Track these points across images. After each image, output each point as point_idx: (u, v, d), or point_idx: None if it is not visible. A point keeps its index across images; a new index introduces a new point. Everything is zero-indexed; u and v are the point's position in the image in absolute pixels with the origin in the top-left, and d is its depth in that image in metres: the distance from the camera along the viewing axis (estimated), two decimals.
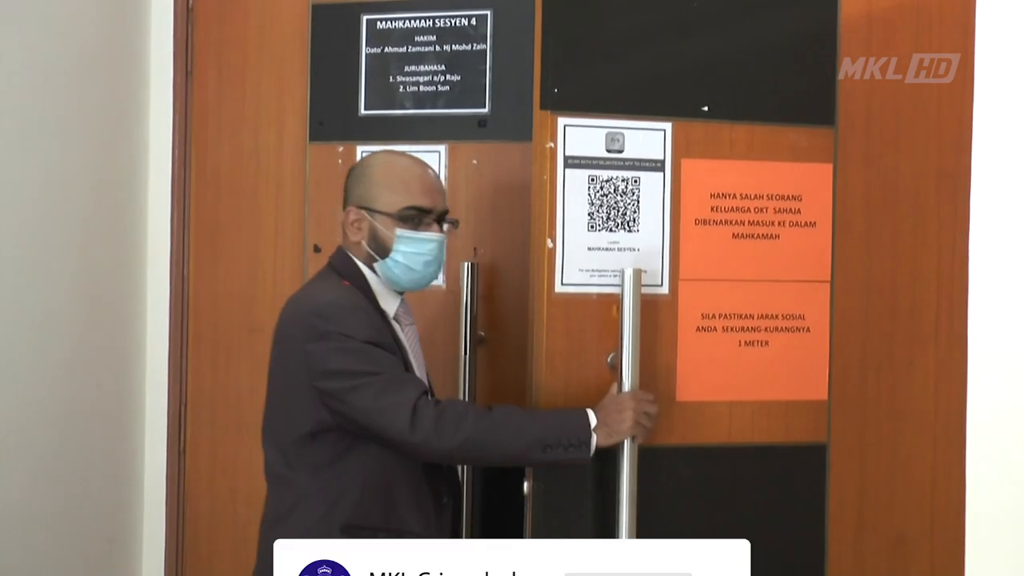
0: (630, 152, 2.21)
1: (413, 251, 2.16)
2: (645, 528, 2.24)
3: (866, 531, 2.65)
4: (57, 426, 2.87)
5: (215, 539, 3.15)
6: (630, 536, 2.16)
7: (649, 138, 2.21)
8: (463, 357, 2.67)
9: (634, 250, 2.19)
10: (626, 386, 2.11)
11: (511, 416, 2.07)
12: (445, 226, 2.22)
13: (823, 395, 2.27)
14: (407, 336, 2.24)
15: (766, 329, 2.27)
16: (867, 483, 2.63)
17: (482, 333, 2.73)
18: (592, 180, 2.19)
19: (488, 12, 2.81)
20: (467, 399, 2.72)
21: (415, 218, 2.15)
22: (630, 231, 2.19)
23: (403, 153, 2.29)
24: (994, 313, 2.14)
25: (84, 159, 2.90)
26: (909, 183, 2.63)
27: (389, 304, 2.20)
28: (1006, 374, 2.11)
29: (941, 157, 2.60)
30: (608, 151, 2.19)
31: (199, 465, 3.14)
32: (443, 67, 2.85)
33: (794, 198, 2.25)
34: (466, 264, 2.65)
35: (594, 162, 2.21)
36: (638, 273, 2.08)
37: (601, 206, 2.19)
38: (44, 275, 2.80)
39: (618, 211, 2.18)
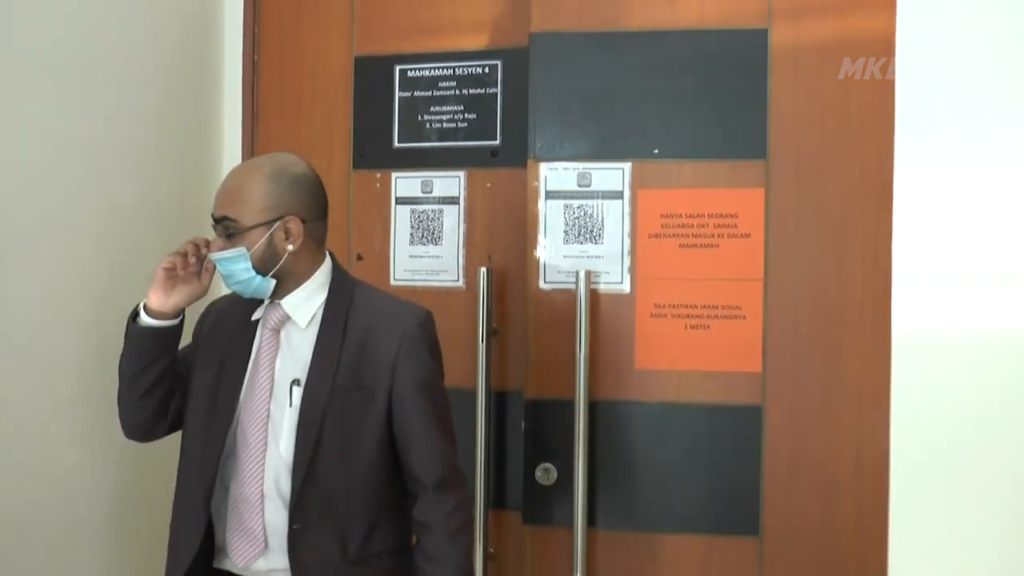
0: (596, 186, 2.95)
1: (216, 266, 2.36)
2: (608, 467, 2.89)
3: (798, 478, 2.84)
4: None
5: None
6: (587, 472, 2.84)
7: (611, 175, 2.94)
8: (480, 345, 3.04)
9: (600, 258, 2.92)
10: (581, 348, 2.78)
11: None
12: (230, 236, 2.28)
13: (758, 368, 2.85)
14: (268, 338, 2.35)
15: (707, 316, 2.89)
16: (799, 439, 2.85)
17: (495, 325, 3.10)
18: (567, 207, 2.96)
19: (498, 62, 3.16)
20: (484, 380, 3.04)
21: (216, 229, 2.32)
22: (596, 244, 2.93)
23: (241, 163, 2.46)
24: (915, 300, 2.49)
25: (172, 184, 3.24)
26: (835, 198, 2.85)
27: (257, 308, 2.37)
28: (925, 350, 2.49)
29: (863, 175, 2.81)
30: (579, 186, 2.94)
31: None
32: (462, 107, 3.22)
33: (731, 216, 2.87)
34: (482, 269, 3.04)
35: (568, 194, 2.96)
36: (588, 273, 2.90)
37: (574, 226, 2.94)
38: (141, 280, 3.02)
39: (587, 229, 2.93)
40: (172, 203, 3.25)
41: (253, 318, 2.37)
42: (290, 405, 2.28)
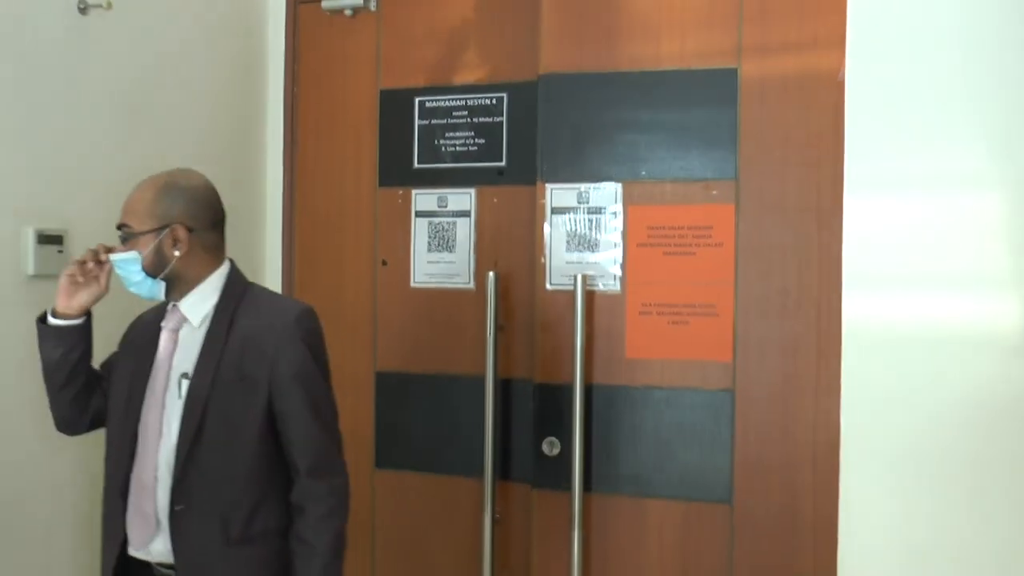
0: (593, 203, 3.06)
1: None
2: (602, 438, 2.99)
3: (764, 453, 2.87)
4: None
5: None
6: (583, 445, 2.96)
7: (605, 194, 3.04)
8: (489, 339, 3.11)
9: (595, 263, 3.04)
10: (578, 340, 2.89)
11: None
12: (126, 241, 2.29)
13: (729, 358, 2.91)
14: (166, 338, 2.33)
15: (687, 314, 2.97)
16: (764, 419, 2.88)
17: (502, 322, 3.15)
18: (568, 220, 3.07)
19: (504, 95, 3.22)
20: (492, 369, 3.09)
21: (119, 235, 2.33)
22: (593, 252, 3.06)
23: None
24: (862, 299, 2.51)
25: (223, 198, 3.25)
26: (794, 212, 2.86)
27: (165, 312, 2.37)
28: (870, 344, 2.50)
29: (818, 192, 2.82)
30: (578, 203, 3.06)
31: None
32: (472, 133, 3.28)
33: (706, 228, 2.95)
34: (490, 273, 3.11)
35: (569, 210, 3.08)
36: (585, 277, 2.97)
37: (574, 237, 3.06)
38: None
39: (585, 239, 3.05)
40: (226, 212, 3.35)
41: (161, 323, 2.37)
42: (179, 396, 2.26)
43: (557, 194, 3.09)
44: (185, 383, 2.25)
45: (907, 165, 2.41)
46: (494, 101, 3.26)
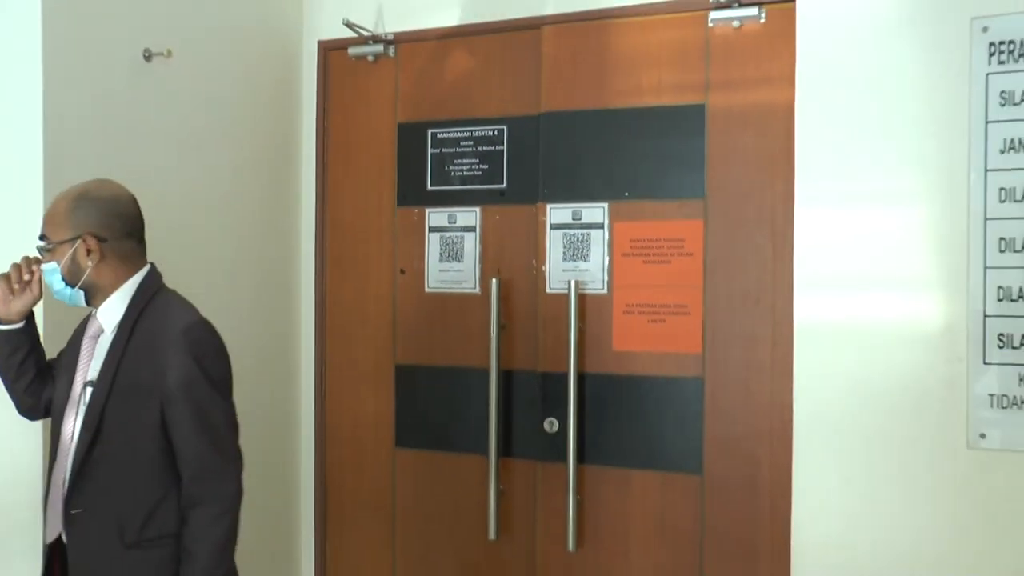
0: (585, 220, 3.12)
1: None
2: (594, 418, 3.07)
3: (729, 430, 2.92)
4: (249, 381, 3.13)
5: (347, 461, 3.50)
6: (577, 424, 3.00)
7: (595, 212, 3.10)
8: (493, 336, 3.14)
9: (587, 271, 3.11)
10: (572, 335, 2.97)
11: None
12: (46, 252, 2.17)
13: (699, 350, 2.96)
14: (85, 345, 2.20)
15: (663, 313, 3.02)
16: (728, 402, 2.92)
17: (503, 322, 3.17)
18: (564, 235, 3.15)
19: (504, 127, 3.23)
20: (496, 361, 3.10)
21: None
22: (585, 261, 3.12)
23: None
24: (811, 299, 2.49)
25: (266, 215, 3.39)
26: (753, 225, 2.89)
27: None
28: (818, 336, 2.49)
29: (774, 207, 2.85)
30: (573, 220, 3.11)
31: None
32: (477, 160, 3.29)
33: (680, 240, 2.99)
34: (494, 279, 3.13)
35: (565, 226, 3.15)
36: (577, 282, 3.02)
37: (569, 248, 3.14)
38: (242, 291, 3.28)
39: (579, 251, 3.11)
40: (265, 231, 3.40)
41: (84, 329, 2.25)
42: (84, 403, 2.13)
43: (555, 213, 3.15)
44: (89, 390, 2.12)
45: (848, 185, 2.41)
46: (495, 132, 3.27)
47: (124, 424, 2.09)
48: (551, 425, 3.13)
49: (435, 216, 3.38)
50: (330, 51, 3.52)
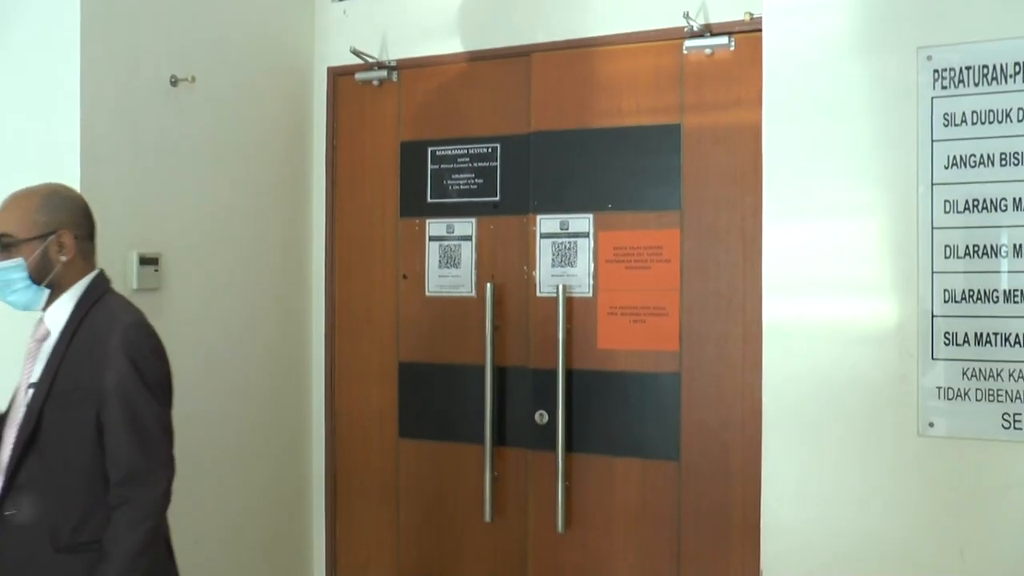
0: (572, 229, 3.14)
1: None
2: (581, 410, 3.07)
3: (704, 421, 2.93)
4: (254, 372, 3.25)
5: (355, 450, 3.50)
6: (565, 416, 3.01)
7: (581, 222, 3.13)
8: (488, 337, 3.16)
9: (574, 276, 3.13)
10: (560, 334, 2.99)
11: None
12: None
13: (676, 348, 2.98)
14: (32, 348, 2.04)
15: (644, 314, 3.04)
16: (703, 395, 2.94)
17: (497, 323, 3.19)
18: (553, 243, 3.17)
19: (498, 145, 3.24)
20: (491, 359, 3.11)
21: None
22: (572, 267, 3.14)
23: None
24: (778, 301, 2.44)
25: (280, 227, 3.42)
26: (725, 233, 2.92)
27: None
28: (785, 334, 2.43)
29: (743, 216, 2.88)
30: (560, 229, 3.16)
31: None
32: (473, 175, 3.30)
33: (658, 247, 3.02)
34: (488, 284, 3.16)
35: (554, 235, 3.17)
36: (565, 286, 3.05)
37: (557, 255, 3.16)
38: (259, 296, 3.30)
39: (566, 257, 3.14)
40: (280, 240, 3.42)
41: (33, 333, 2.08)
42: (25, 406, 1.98)
43: (545, 223, 3.17)
44: (31, 392, 1.97)
45: (810, 198, 2.40)
46: (490, 150, 3.28)
47: (61, 427, 1.94)
48: (541, 417, 3.15)
49: (435, 226, 3.38)
50: (339, 76, 3.53)
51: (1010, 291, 2.19)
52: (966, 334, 2.23)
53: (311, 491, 3.57)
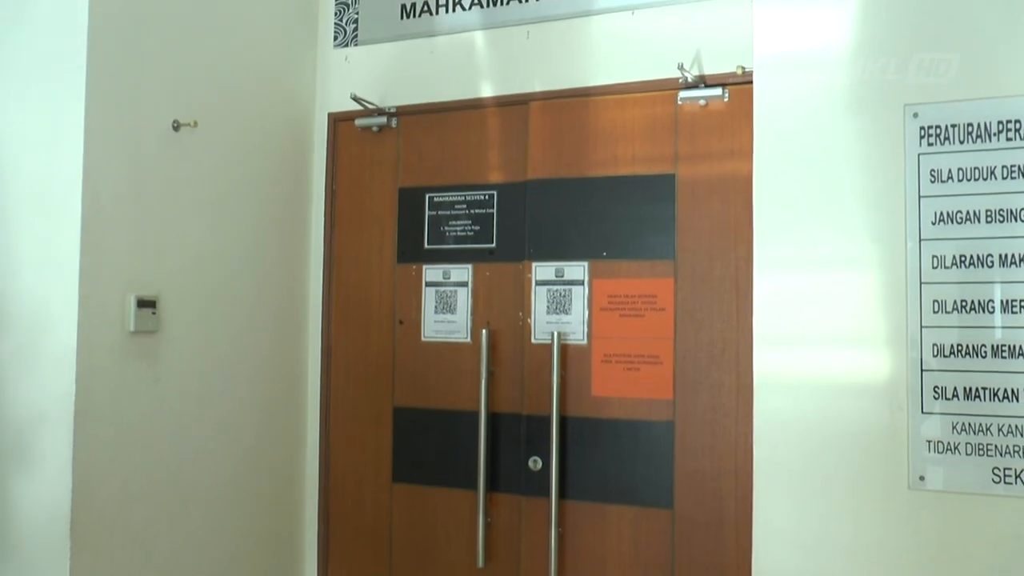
0: (567, 277, 3.14)
1: None
2: (575, 457, 3.06)
3: (698, 469, 2.91)
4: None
5: (348, 494, 3.47)
6: (559, 463, 2.99)
7: (576, 270, 3.12)
8: (482, 382, 3.16)
9: (568, 323, 3.12)
10: (555, 381, 2.98)
11: None
12: None
13: (670, 396, 2.96)
14: None
15: (638, 362, 3.04)
16: (697, 443, 2.91)
17: (492, 368, 3.19)
18: (548, 291, 3.16)
19: (495, 192, 3.26)
20: (484, 404, 3.10)
21: None
22: (567, 314, 3.13)
23: None
24: (769, 351, 2.46)
25: (280, 267, 3.40)
26: (718, 283, 2.90)
27: None
28: (776, 384, 2.44)
29: (736, 267, 2.88)
30: (556, 276, 3.16)
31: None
32: (470, 222, 3.31)
33: (652, 296, 3.02)
34: (484, 330, 3.16)
35: (549, 282, 3.17)
36: (560, 333, 3.06)
37: (552, 302, 3.16)
38: (257, 338, 3.30)
39: (561, 305, 3.14)
40: (279, 283, 3.41)
41: None
42: None
43: (540, 270, 3.17)
44: None
45: (801, 250, 2.41)
46: (486, 197, 3.29)
47: None
48: (535, 463, 3.14)
49: (431, 272, 3.38)
50: (339, 122, 3.55)
51: (999, 346, 2.21)
52: (955, 388, 2.24)
53: (304, 534, 3.54)
